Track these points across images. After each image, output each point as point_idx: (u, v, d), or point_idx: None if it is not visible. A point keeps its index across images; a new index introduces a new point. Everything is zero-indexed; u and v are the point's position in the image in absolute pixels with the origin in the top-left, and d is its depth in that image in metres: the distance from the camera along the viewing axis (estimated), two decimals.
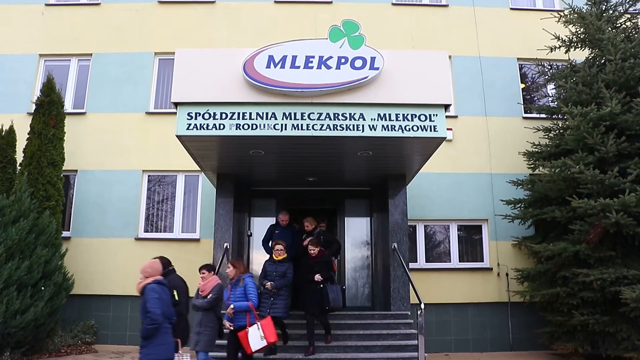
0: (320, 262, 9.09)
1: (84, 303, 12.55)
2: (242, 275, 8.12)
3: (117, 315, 12.60)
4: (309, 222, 10.26)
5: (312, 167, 10.29)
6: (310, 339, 8.82)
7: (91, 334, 12.24)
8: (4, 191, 11.22)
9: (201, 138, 8.57)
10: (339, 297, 8.82)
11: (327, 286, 8.86)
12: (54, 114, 12.11)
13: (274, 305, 8.54)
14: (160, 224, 13.30)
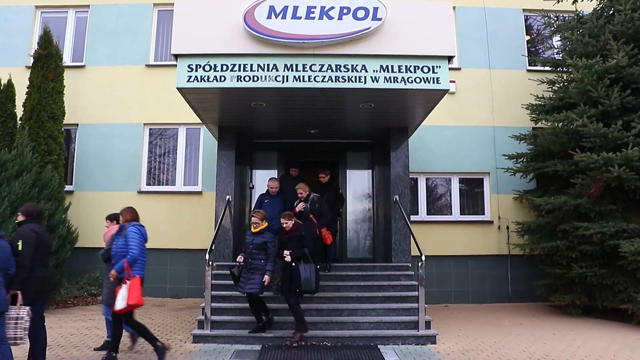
0: (293, 238, 8.09)
1: (89, 256, 12.66)
2: (126, 225, 7.21)
3: None
4: (301, 188, 9.51)
5: (313, 119, 10.22)
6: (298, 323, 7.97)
7: (96, 286, 12.42)
8: (6, 146, 11.21)
9: (202, 90, 8.49)
10: (311, 278, 7.75)
11: (300, 265, 7.81)
12: (52, 68, 11.99)
13: (250, 281, 7.91)
14: (163, 177, 13.34)
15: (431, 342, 8.06)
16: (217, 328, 8.19)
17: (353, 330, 8.27)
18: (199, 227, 12.32)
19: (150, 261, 12.42)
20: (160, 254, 12.54)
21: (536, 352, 7.57)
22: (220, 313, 8.48)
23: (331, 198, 9.83)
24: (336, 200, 10.04)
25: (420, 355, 7.38)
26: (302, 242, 7.99)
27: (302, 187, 9.47)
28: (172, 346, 7.70)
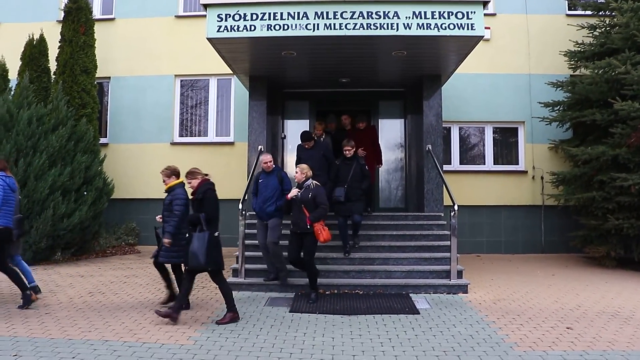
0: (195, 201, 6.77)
1: (125, 207, 12.98)
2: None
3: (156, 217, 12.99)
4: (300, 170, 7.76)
5: (345, 68, 10.07)
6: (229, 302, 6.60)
7: (133, 236, 12.76)
8: (41, 100, 11.37)
9: (232, 40, 8.42)
10: (198, 252, 6.27)
11: (194, 235, 6.41)
12: (82, 21, 12.01)
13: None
14: (195, 128, 13.43)
15: (463, 291, 8.09)
16: (250, 276, 8.35)
17: (385, 278, 8.34)
18: (232, 178, 12.40)
19: None
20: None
21: (569, 302, 7.55)
22: (254, 262, 8.63)
23: (356, 175, 8.90)
24: (362, 178, 8.92)
25: (451, 304, 7.42)
26: (200, 205, 6.59)
27: (301, 168, 7.75)
28: (208, 294, 7.90)
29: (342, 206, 8.73)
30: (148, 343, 5.53)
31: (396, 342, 5.66)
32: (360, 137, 10.07)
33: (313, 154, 9.10)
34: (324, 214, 7.44)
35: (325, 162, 9.11)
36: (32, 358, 5.05)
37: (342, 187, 8.79)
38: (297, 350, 5.34)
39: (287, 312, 6.94)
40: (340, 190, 8.73)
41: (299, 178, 7.67)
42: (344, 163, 9.04)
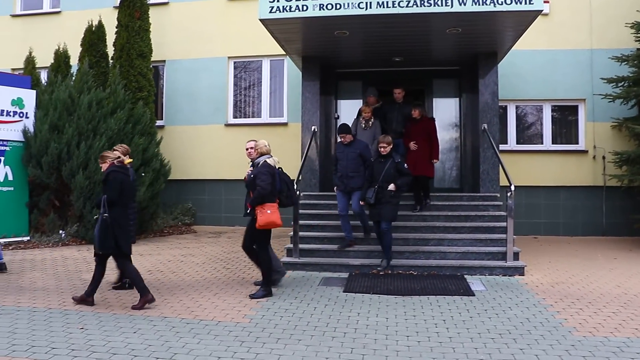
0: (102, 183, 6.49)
1: (181, 187, 13.28)
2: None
3: (212, 198, 13.29)
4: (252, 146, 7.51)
5: (398, 46, 9.92)
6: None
7: (190, 216, 13.06)
8: (100, 84, 11.72)
9: (284, 21, 8.42)
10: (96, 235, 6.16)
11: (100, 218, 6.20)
12: (138, 6, 12.25)
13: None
14: (248, 109, 13.57)
15: (519, 273, 7.91)
16: (305, 256, 8.41)
17: (439, 259, 8.26)
18: (286, 158, 12.28)
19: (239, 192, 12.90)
20: None
21: (632, 287, 7.27)
22: (308, 242, 8.68)
23: (389, 175, 7.96)
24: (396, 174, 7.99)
25: (507, 286, 7.28)
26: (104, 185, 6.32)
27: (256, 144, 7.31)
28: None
29: (371, 209, 8.08)
30: (205, 320, 5.66)
31: (450, 323, 5.61)
32: (414, 128, 9.47)
33: (348, 153, 8.43)
34: (261, 194, 6.62)
35: (361, 162, 8.33)
36: (97, 331, 5.27)
37: (373, 187, 7.99)
38: (351, 330, 5.36)
39: (341, 292, 6.97)
40: (370, 192, 7.98)
41: (252, 156, 7.18)
42: (378, 161, 8.18)
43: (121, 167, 6.45)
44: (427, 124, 9.52)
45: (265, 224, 6.63)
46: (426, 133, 9.41)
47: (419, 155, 9.29)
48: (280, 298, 6.60)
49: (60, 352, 4.70)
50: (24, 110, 10.96)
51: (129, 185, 6.47)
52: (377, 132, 9.29)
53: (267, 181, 6.64)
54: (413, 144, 9.33)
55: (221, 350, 4.76)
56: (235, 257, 9.24)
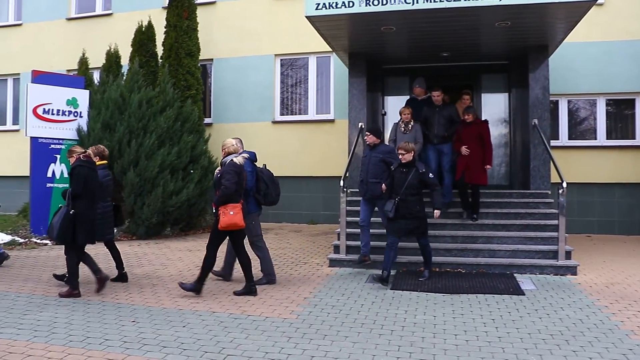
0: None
1: None
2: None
3: None
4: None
5: (445, 41, 9.78)
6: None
7: None
8: (150, 83, 11.97)
9: (330, 17, 8.40)
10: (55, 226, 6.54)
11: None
12: (185, 6, 12.45)
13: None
14: (295, 106, 13.63)
15: (571, 273, 7.69)
16: (352, 253, 8.39)
17: (488, 258, 8.11)
18: (333, 155, 12.50)
19: (286, 188, 12.97)
20: (296, 181, 13.02)
21: None
22: (355, 238, 8.65)
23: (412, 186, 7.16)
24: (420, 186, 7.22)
25: (559, 285, 7.10)
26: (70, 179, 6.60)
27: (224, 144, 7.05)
28: (309, 270, 8.03)
29: (391, 224, 7.28)
30: (253, 316, 5.72)
31: (500, 322, 5.51)
32: (466, 131, 8.87)
33: (371, 157, 7.95)
34: (224, 194, 6.41)
35: (385, 168, 7.77)
36: (148, 325, 5.39)
37: (393, 199, 7.23)
38: (398, 328, 5.33)
39: (388, 289, 6.93)
40: (389, 204, 7.21)
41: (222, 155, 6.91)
42: (400, 170, 7.33)
43: (87, 161, 6.65)
44: (480, 127, 8.90)
45: (227, 225, 6.44)
46: (479, 137, 8.77)
47: (470, 160, 8.71)
48: (327, 295, 6.61)
49: (113, 343, 4.83)
50: (78, 110, 11.32)
51: (93, 179, 6.61)
52: (418, 137, 8.99)
53: (231, 180, 6.44)
54: (465, 149, 8.74)
55: (268, 345, 4.81)
56: (282, 253, 9.31)
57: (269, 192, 7.13)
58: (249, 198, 6.98)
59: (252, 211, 7.06)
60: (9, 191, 14.76)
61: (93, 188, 6.58)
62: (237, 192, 6.51)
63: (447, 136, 9.14)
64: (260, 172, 7.13)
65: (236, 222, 6.42)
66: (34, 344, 4.85)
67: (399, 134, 9.12)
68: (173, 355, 4.57)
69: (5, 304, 6.13)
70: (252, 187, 6.99)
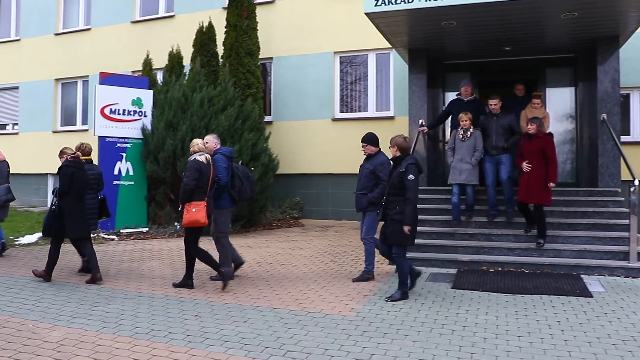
0: None
1: (289, 182, 13.56)
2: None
3: (319, 192, 13.47)
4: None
5: (508, 35, 9.52)
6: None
7: (297, 210, 13.32)
8: (211, 83, 12.19)
9: (390, 13, 8.34)
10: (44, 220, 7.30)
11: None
12: (245, 6, 12.60)
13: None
14: (355, 104, 13.60)
15: None
16: (412, 251, 8.19)
17: (553, 257, 7.86)
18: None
19: (346, 186, 13.03)
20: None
21: None
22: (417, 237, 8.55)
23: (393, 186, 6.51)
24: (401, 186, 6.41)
25: (630, 288, 6.79)
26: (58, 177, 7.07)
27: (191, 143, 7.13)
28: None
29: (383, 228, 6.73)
30: (312, 312, 5.74)
31: (565, 325, 5.32)
32: (528, 145, 8.02)
33: (364, 168, 7.47)
34: (184, 190, 6.57)
35: (374, 180, 7.25)
36: (210, 319, 5.51)
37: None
38: (460, 327, 5.24)
39: (449, 288, 6.82)
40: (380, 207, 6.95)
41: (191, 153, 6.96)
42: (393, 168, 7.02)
43: (74, 162, 7.08)
44: (543, 141, 7.91)
45: (189, 222, 6.59)
46: (541, 151, 7.86)
47: (533, 178, 7.88)
48: (387, 293, 6.57)
49: (177, 337, 4.96)
50: (142, 110, 11.67)
51: (79, 178, 7.02)
52: (477, 144, 8.57)
53: (191, 177, 6.56)
54: (526, 165, 7.95)
55: (328, 342, 4.82)
56: (342, 250, 9.31)
57: (244, 189, 7.22)
58: (224, 194, 7.09)
59: (225, 206, 7.16)
60: None
61: (80, 186, 7.04)
62: (201, 189, 6.64)
63: (505, 147, 8.60)
64: (235, 168, 7.24)
65: (198, 219, 6.57)
66: (103, 334, 5.06)
67: (457, 142, 8.73)
68: (234, 349, 4.65)
69: (77, 296, 6.41)
70: (227, 182, 7.09)
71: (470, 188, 8.65)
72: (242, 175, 7.24)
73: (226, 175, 7.06)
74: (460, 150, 8.64)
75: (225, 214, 7.20)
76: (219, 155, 7.14)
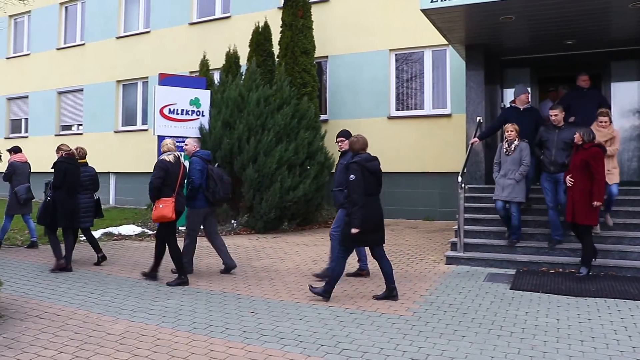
0: None
1: None
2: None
3: None
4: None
5: (570, 28, 9.18)
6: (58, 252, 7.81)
7: None
8: (267, 82, 12.32)
9: (446, 9, 8.21)
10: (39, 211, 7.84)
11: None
12: (300, 5, 12.66)
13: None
14: (411, 101, 13.47)
15: None
16: (470, 250, 8.16)
17: (618, 259, 7.54)
18: (450, 150, 12.22)
19: (402, 184, 12.94)
20: (412, 177, 12.91)
21: None
22: (473, 236, 8.42)
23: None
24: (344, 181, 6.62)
25: None
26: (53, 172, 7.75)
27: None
28: (426, 267, 7.91)
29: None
30: (368, 311, 5.72)
31: (633, 331, 5.10)
32: (574, 157, 7.28)
33: (340, 165, 7.20)
34: (150, 188, 6.93)
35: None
36: (267, 316, 5.58)
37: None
38: (519, 330, 5.11)
39: (508, 289, 6.66)
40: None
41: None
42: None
43: (68, 158, 7.75)
44: (588, 152, 7.04)
45: (157, 217, 6.94)
46: (585, 165, 7.02)
47: (576, 194, 7.09)
48: (444, 292, 6.48)
49: (233, 332, 5.04)
50: (200, 109, 11.90)
51: (72, 173, 7.68)
52: (524, 157, 7.86)
53: (157, 176, 6.89)
54: (569, 179, 7.21)
55: (384, 341, 4.79)
56: (398, 249, 9.24)
57: (217, 190, 7.38)
58: (199, 194, 7.37)
59: (198, 207, 7.43)
60: (140, 186, 15.77)
61: (72, 181, 7.70)
62: (169, 187, 6.95)
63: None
64: (210, 170, 7.45)
65: (164, 215, 6.88)
66: (162, 328, 5.20)
67: (502, 155, 8.11)
68: (290, 346, 4.68)
69: (138, 291, 6.60)
70: (200, 184, 7.34)
71: (515, 206, 7.89)
72: (216, 177, 7.44)
73: (199, 177, 7.36)
74: (504, 165, 7.99)
75: (197, 214, 7.49)
76: (195, 158, 7.52)
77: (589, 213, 7.01)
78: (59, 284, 6.99)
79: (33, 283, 7.01)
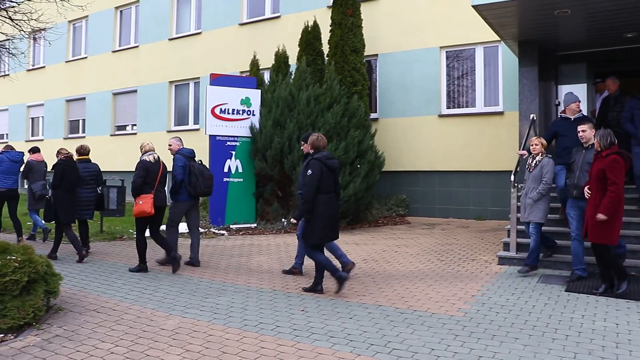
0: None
1: (395, 179, 13.48)
2: None
3: (425, 189, 13.30)
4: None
5: (630, 20, 8.82)
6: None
7: (403, 207, 13.23)
8: (317, 81, 12.36)
9: (499, 5, 8.05)
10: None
11: None
12: (350, 4, 12.65)
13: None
14: (462, 99, 13.28)
15: None
16: (523, 251, 7.97)
17: None
18: (502, 148, 11.98)
19: (453, 183, 12.79)
20: (463, 176, 12.73)
21: None
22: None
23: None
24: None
25: None
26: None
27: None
28: (477, 267, 7.78)
29: None
30: (419, 311, 5.68)
31: None
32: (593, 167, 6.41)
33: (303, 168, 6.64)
34: (133, 187, 7.45)
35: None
36: (316, 314, 5.61)
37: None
38: (574, 333, 4.97)
39: (562, 291, 6.48)
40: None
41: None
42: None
43: (66, 160, 8.46)
44: (604, 161, 6.16)
45: (137, 213, 7.45)
46: (602, 175, 6.17)
47: (590, 209, 6.29)
48: (496, 293, 6.37)
49: (284, 330, 5.09)
50: (250, 109, 12.05)
51: (70, 174, 8.37)
52: (544, 174, 7.24)
53: (138, 176, 7.48)
54: (586, 191, 6.48)
55: (434, 342, 4.74)
56: (449, 249, 9.13)
57: (198, 184, 7.90)
58: (181, 189, 7.96)
59: (181, 200, 8.03)
60: None
61: (71, 180, 8.40)
62: (149, 184, 7.49)
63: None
64: (192, 166, 7.98)
65: (144, 210, 7.40)
66: (213, 325, 5.29)
67: (526, 172, 7.62)
68: (340, 345, 4.69)
69: (190, 288, 6.74)
70: (182, 179, 7.91)
71: (534, 227, 7.29)
72: (197, 173, 7.95)
73: (181, 173, 7.91)
74: (526, 182, 7.50)
75: (179, 207, 8.08)
76: (178, 155, 8.08)
77: (601, 230, 6.15)
78: (114, 279, 7.21)
79: (90, 278, 7.25)
